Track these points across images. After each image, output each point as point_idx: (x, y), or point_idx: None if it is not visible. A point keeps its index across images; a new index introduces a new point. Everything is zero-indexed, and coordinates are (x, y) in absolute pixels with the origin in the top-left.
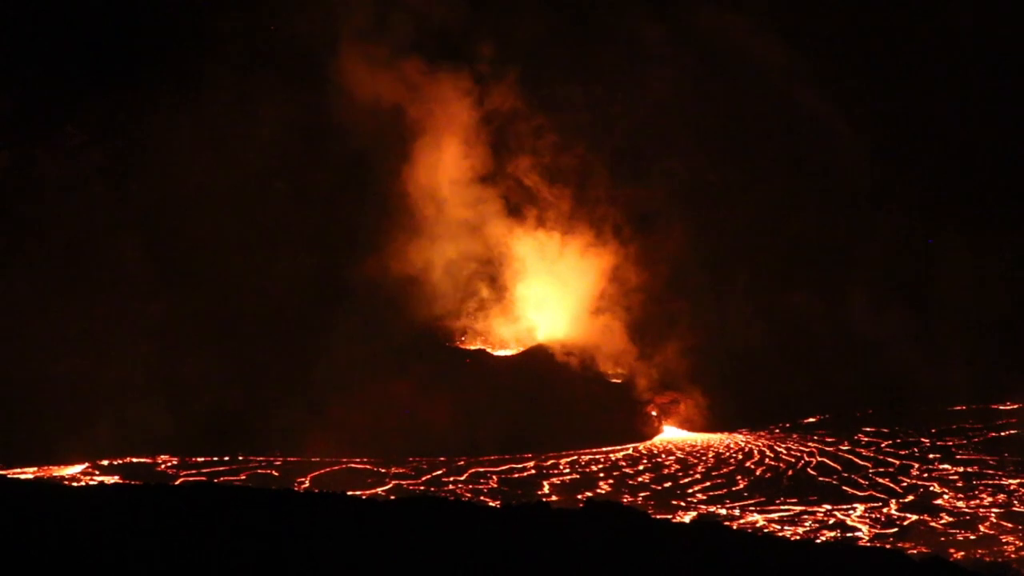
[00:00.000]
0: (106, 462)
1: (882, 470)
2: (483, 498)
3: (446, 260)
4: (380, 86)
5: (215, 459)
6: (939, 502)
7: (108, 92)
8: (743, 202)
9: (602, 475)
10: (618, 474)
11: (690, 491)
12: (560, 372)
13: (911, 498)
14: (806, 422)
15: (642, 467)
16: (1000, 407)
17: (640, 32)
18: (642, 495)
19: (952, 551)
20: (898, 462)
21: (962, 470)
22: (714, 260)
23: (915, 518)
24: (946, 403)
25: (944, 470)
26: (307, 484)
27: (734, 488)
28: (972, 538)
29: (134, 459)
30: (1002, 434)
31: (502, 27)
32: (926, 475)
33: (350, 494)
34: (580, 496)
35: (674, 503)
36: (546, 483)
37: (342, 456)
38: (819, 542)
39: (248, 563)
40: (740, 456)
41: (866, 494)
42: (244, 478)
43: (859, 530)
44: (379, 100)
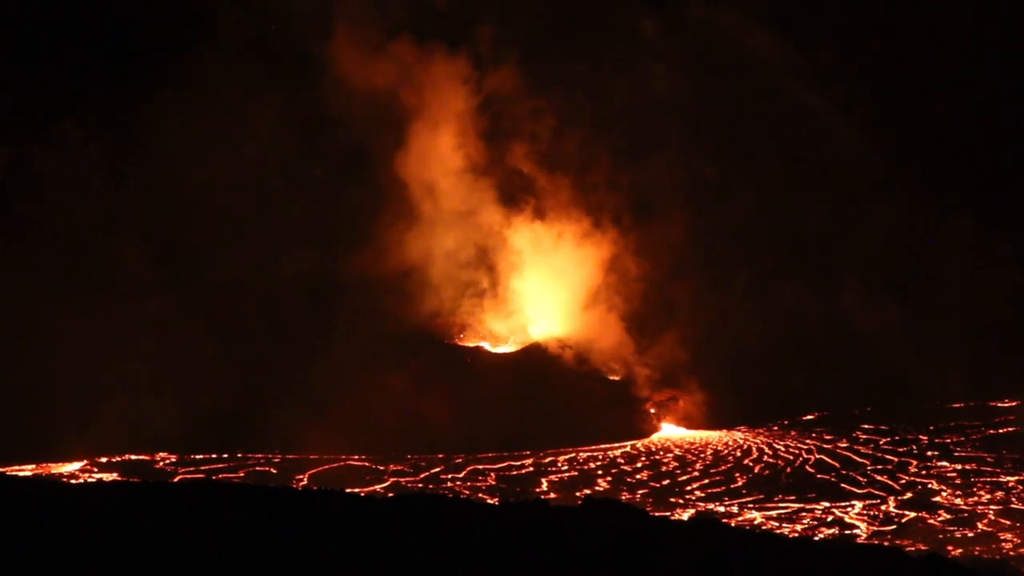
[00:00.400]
0: (105, 459)
1: (880, 467)
2: (481, 495)
3: (445, 256)
4: (376, 74)
5: (214, 456)
6: (937, 499)
7: (107, 89)
8: (742, 199)
9: (600, 472)
10: (616, 471)
11: (688, 488)
12: (559, 369)
13: (909, 495)
14: (805, 419)
15: (640, 464)
16: (998, 404)
17: (638, 25)
18: (640, 492)
19: (950, 548)
20: (896, 459)
21: (960, 467)
22: (713, 257)
23: (913, 515)
24: (944, 400)
25: (942, 467)
26: (305, 481)
27: (732, 485)
28: (970, 535)
29: (133, 456)
30: (1000, 431)
31: (501, 15)
32: (924, 472)
33: (348, 491)
34: (578, 493)
35: (672, 500)
36: (544, 480)
37: (340, 453)
38: (817, 539)
39: (247, 561)
40: (738, 453)
41: (864, 491)
42: (243, 475)
43: (857, 527)
44: (376, 90)
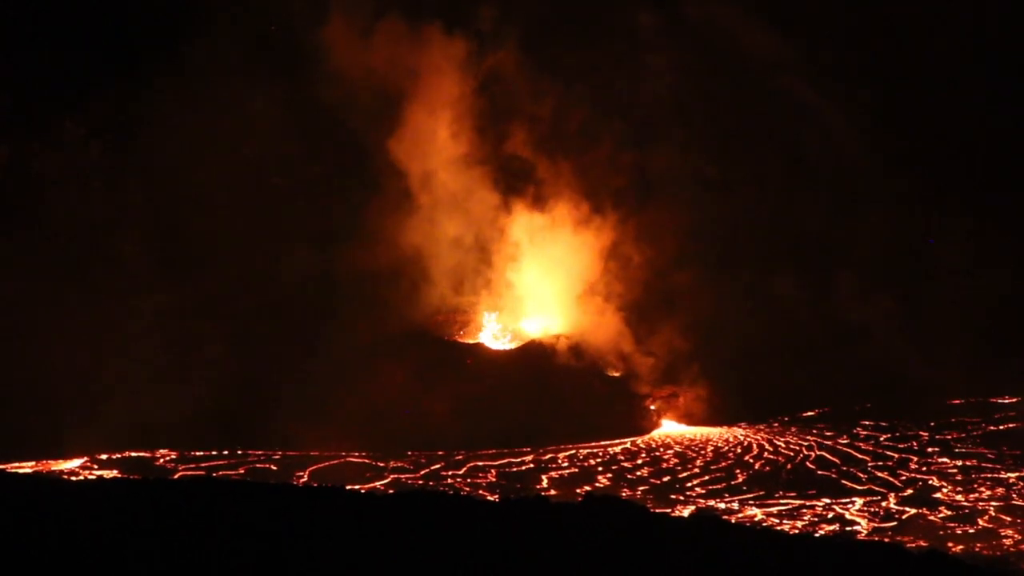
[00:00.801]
0: (105, 456)
1: (881, 464)
2: (481, 492)
3: (445, 251)
4: (375, 67)
5: (214, 453)
6: (938, 496)
7: (107, 88)
8: (742, 196)
9: (601, 469)
10: (617, 468)
11: (689, 485)
12: (558, 366)
13: (910, 492)
14: (805, 416)
15: (641, 461)
16: (999, 401)
17: (638, 20)
18: (641, 489)
19: (951, 545)
20: (897, 456)
21: (961, 464)
22: (714, 253)
23: (914, 512)
24: (945, 397)
25: (943, 464)
26: (306, 478)
27: (733, 482)
28: (971, 532)
29: (133, 453)
30: (1001, 428)
31: (501, 4)
32: (925, 469)
33: (349, 488)
34: (579, 490)
35: (673, 497)
36: (544, 477)
37: (341, 450)
38: (818, 536)
39: (247, 558)
40: (739, 450)
41: (865, 488)
42: (243, 472)
43: (858, 524)
44: (376, 86)
